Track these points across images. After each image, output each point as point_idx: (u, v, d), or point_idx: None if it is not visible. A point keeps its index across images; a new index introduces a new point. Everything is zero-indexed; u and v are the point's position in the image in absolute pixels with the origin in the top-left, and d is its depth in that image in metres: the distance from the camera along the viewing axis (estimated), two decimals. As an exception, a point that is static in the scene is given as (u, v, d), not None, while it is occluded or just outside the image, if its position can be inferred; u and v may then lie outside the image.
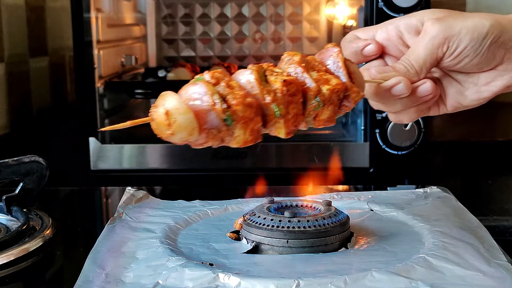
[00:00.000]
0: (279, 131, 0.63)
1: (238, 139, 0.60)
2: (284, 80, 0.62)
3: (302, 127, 0.65)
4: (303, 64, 0.64)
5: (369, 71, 0.68)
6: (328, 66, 0.66)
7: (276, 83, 0.62)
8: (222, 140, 0.61)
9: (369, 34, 0.73)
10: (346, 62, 0.66)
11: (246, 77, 0.61)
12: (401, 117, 0.71)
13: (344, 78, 0.65)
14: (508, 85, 0.68)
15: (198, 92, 0.58)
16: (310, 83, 0.64)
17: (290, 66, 0.65)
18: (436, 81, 0.71)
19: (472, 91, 0.69)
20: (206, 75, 0.60)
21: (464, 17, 0.67)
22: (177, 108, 0.57)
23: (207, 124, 0.58)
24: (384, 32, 0.72)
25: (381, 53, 0.73)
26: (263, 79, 0.62)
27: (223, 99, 0.59)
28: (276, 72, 0.63)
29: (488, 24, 0.66)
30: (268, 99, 0.61)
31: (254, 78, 0.61)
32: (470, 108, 0.72)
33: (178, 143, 0.60)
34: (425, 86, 0.68)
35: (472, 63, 0.67)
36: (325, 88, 0.64)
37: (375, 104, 0.72)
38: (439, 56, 0.67)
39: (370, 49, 0.71)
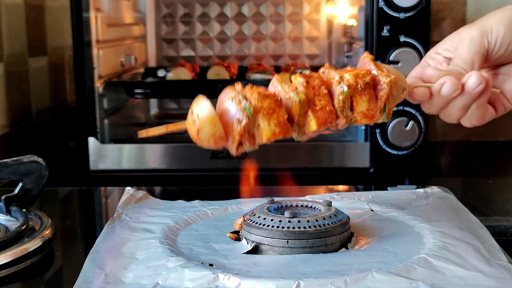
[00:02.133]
0: (311, 123, 0.67)
1: (265, 131, 0.65)
2: (305, 75, 0.67)
3: (341, 123, 0.68)
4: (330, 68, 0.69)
5: (426, 71, 0.72)
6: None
7: (297, 79, 0.67)
8: (252, 135, 0.65)
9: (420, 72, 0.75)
10: (374, 61, 0.70)
11: (271, 82, 0.69)
12: (472, 119, 0.73)
13: (371, 67, 0.69)
14: None
15: (223, 96, 0.66)
16: (334, 76, 0.68)
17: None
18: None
19: None
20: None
21: (490, 15, 0.73)
22: (203, 115, 0.64)
23: (230, 118, 0.65)
24: (431, 60, 0.76)
25: None
26: (286, 81, 0.67)
27: (245, 98, 0.65)
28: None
29: None
30: (290, 93, 0.66)
31: (276, 79, 0.67)
32: None
33: (212, 147, 0.66)
34: (472, 79, 0.70)
35: None
36: (347, 74, 0.68)
37: (445, 117, 0.73)
38: (484, 52, 0.72)
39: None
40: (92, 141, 1.46)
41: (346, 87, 0.67)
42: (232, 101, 0.65)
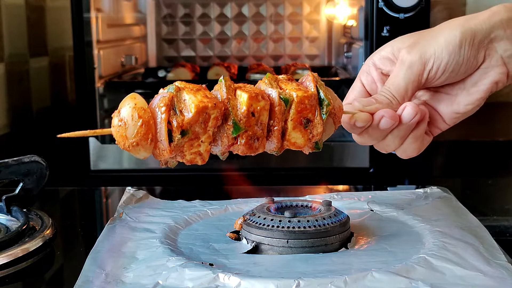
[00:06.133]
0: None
1: (192, 101, 0.62)
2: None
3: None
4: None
5: (353, 104, 0.68)
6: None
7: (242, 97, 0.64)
8: (179, 110, 0.63)
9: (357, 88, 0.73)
10: (317, 81, 0.66)
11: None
12: (407, 151, 0.70)
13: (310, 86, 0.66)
14: (496, 81, 0.68)
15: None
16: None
17: None
18: (425, 105, 0.71)
19: (463, 96, 0.69)
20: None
21: (434, 34, 0.68)
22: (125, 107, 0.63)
23: (154, 108, 0.63)
24: (366, 76, 0.73)
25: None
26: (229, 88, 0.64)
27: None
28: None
29: (459, 33, 0.66)
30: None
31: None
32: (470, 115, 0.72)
33: (144, 146, 0.66)
34: (407, 111, 0.67)
35: (460, 72, 0.68)
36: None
37: (381, 148, 0.71)
38: (422, 82, 0.68)
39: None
40: (92, 141, 1.46)
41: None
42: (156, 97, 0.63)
